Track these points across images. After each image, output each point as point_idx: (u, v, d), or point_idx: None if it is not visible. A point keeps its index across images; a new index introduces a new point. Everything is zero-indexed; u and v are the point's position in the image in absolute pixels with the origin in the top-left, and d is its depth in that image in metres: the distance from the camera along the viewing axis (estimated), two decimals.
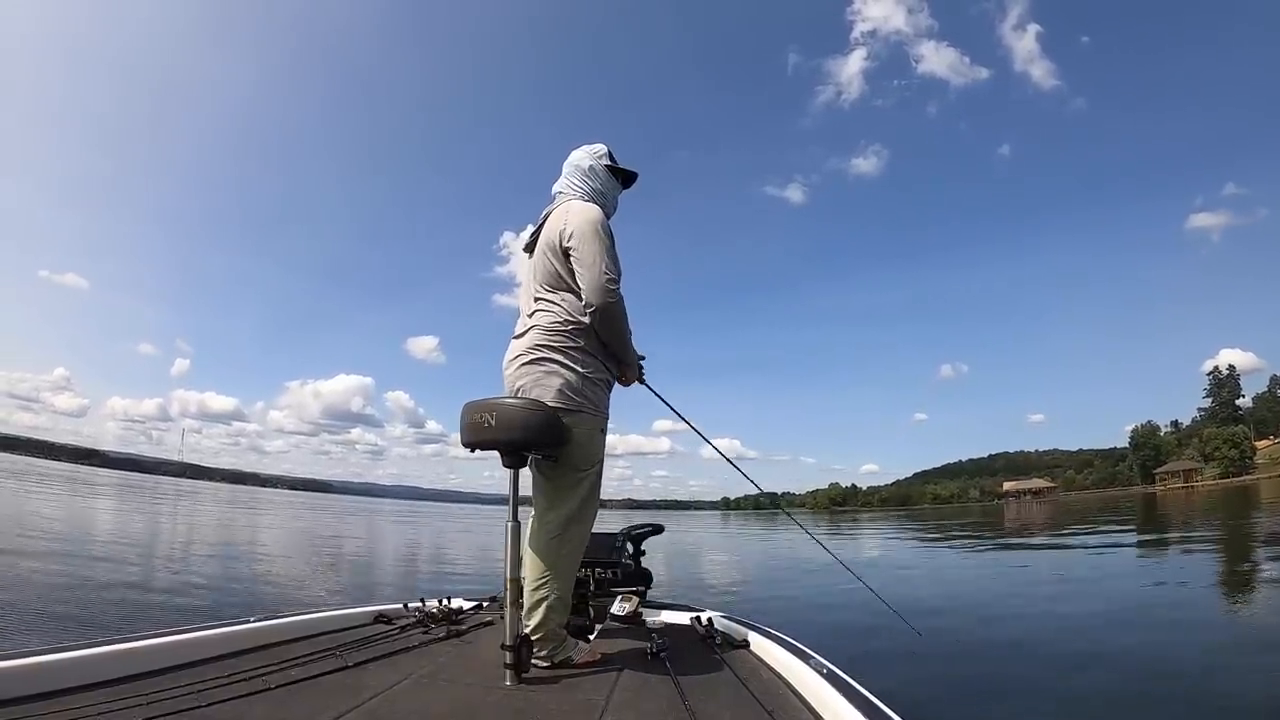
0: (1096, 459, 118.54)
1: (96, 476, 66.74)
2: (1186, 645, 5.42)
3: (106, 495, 31.54)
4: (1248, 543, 15.01)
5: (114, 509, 22.74)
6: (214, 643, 1.97)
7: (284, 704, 1.56)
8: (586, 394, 2.12)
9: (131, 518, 19.45)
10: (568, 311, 2.14)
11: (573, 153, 2.37)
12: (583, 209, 2.18)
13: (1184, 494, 60.05)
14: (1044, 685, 4.50)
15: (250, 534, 18.42)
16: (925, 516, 55.88)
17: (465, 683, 1.85)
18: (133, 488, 45.73)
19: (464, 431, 2.06)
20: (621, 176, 2.41)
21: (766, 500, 77.96)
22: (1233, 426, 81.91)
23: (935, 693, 4.32)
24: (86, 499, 26.45)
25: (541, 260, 2.20)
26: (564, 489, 2.13)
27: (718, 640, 2.34)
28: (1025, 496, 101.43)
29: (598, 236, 2.10)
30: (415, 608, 2.72)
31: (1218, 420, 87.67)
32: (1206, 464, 79.61)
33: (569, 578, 2.13)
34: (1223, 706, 3.93)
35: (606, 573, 3.09)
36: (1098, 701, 4.10)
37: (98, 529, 14.61)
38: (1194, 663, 4.86)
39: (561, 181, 2.34)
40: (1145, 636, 5.81)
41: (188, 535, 15.87)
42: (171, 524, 19.12)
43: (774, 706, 1.62)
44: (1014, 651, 5.46)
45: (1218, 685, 4.30)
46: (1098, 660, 4.98)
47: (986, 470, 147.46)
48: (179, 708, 1.44)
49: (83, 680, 1.57)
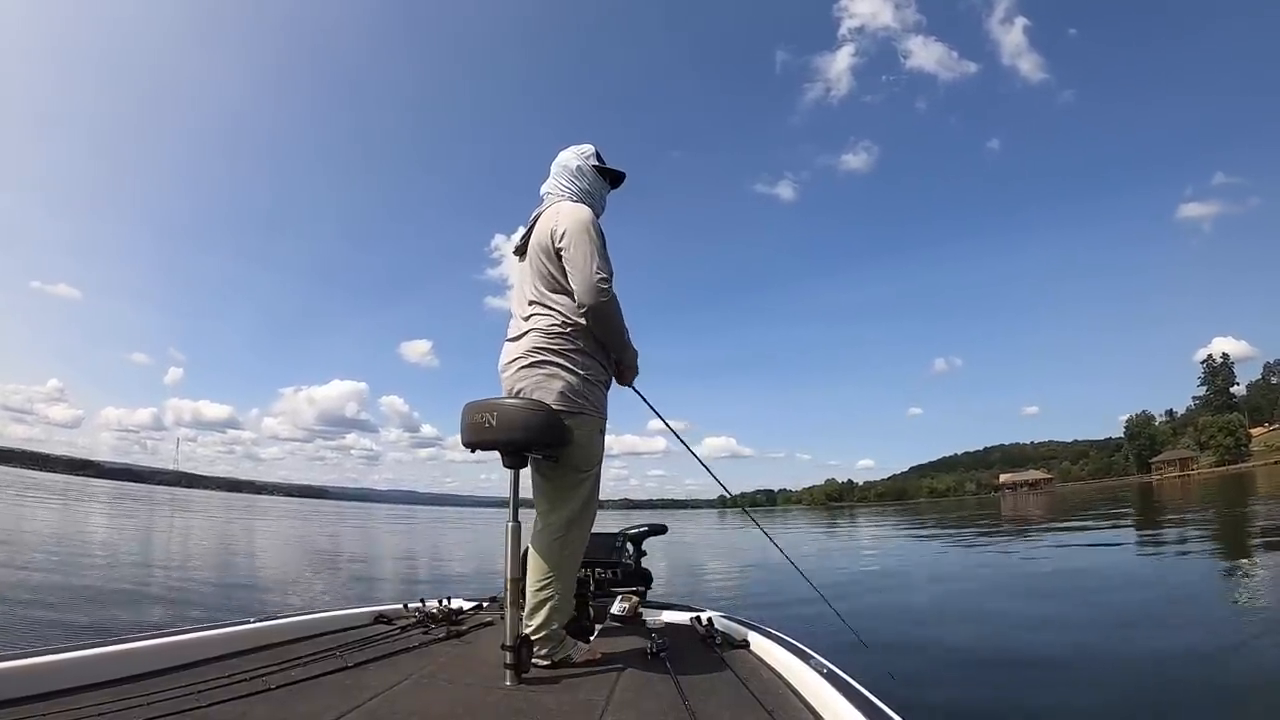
0: (1092, 450, 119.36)
1: (92, 487, 66.42)
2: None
3: (101, 506, 31.35)
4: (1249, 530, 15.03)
5: (108, 519, 22.58)
6: (214, 643, 1.98)
7: (284, 704, 1.56)
8: (587, 395, 2.13)
9: (125, 525, 19.35)
10: (564, 313, 2.14)
11: (560, 153, 2.37)
12: (572, 209, 2.18)
13: (1181, 483, 60.38)
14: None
15: (247, 540, 18.36)
16: (922, 510, 55.86)
17: (465, 683, 1.85)
18: (128, 498, 45.36)
19: (464, 431, 2.06)
20: (609, 176, 2.41)
21: (763, 499, 78.47)
22: (1228, 414, 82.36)
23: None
24: (81, 510, 26.31)
25: (534, 263, 2.21)
26: (565, 490, 2.14)
27: (718, 640, 2.34)
28: (1022, 488, 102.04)
29: (588, 236, 2.10)
30: (415, 608, 2.72)
31: (1213, 408, 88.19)
32: (1202, 452, 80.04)
33: (571, 578, 2.15)
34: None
35: (606, 573, 3.10)
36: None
37: (92, 539, 14.51)
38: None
39: (549, 182, 2.34)
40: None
41: (184, 543, 15.78)
42: (167, 533, 19.01)
43: (774, 706, 1.63)
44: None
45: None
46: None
47: (982, 463, 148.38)
48: (179, 708, 1.45)
49: (83, 680, 1.58)
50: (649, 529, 3.26)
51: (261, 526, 26.27)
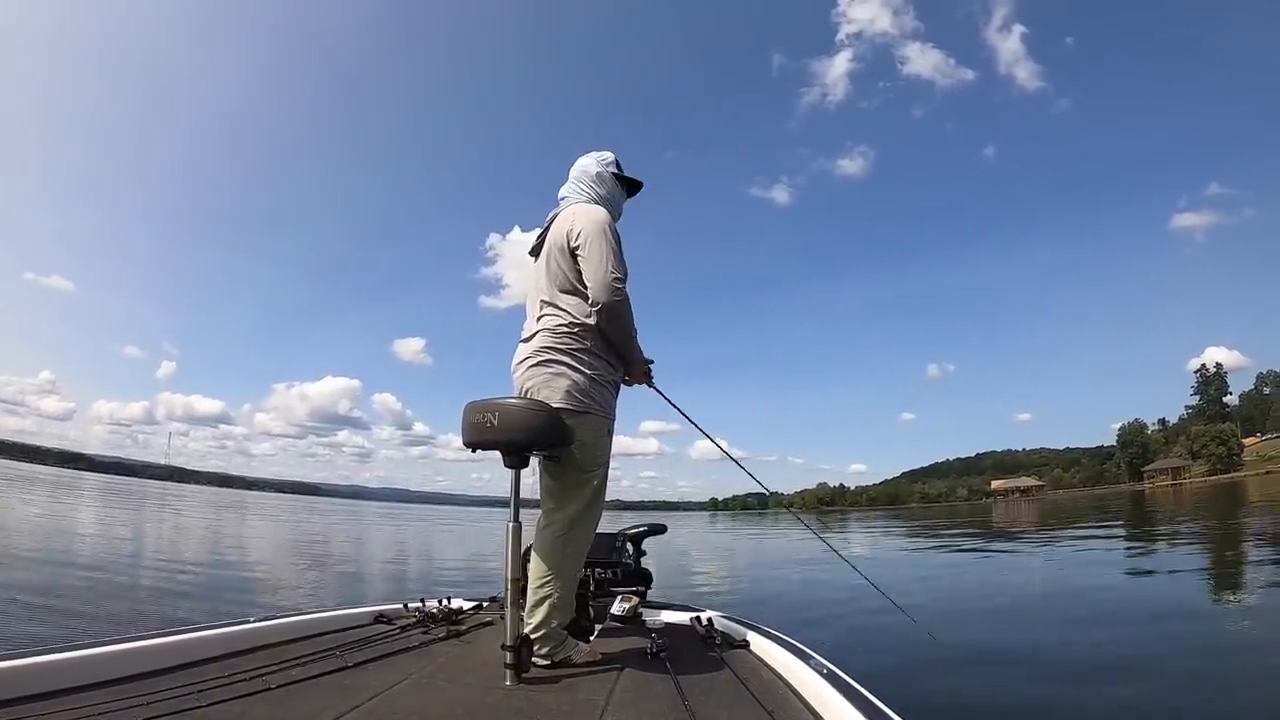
0: (1084, 457, 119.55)
1: (83, 481, 66.01)
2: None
3: (92, 499, 31.18)
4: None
5: (99, 513, 22.45)
6: (214, 643, 1.97)
7: (284, 704, 1.56)
8: (594, 395, 2.15)
9: (117, 518, 19.26)
10: (574, 314, 2.16)
11: (580, 159, 2.43)
12: (590, 210, 2.23)
13: (1173, 491, 60.56)
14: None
15: (239, 537, 18.31)
16: (915, 515, 55.54)
17: (465, 683, 1.85)
18: (118, 491, 45.00)
19: (466, 431, 2.06)
20: (626, 184, 2.47)
21: (755, 501, 77.19)
22: (1220, 424, 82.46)
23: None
24: (72, 503, 26.17)
25: (549, 263, 2.24)
26: (571, 489, 2.15)
27: (717, 640, 2.35)
28: (1014, 495, 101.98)
29: (604, 237, 2.15)
30: (415, 608, 2.72)
31: (1206, 418, 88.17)
32: (1194, 461, 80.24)
33: (573, 578, 2.15)
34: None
35: (606, 573, 3.10)
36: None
37: (83, 532, 14.43)
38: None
39: (568, 186, 2.40)
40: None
41: (174, 539, 15.70)
42: (157, 528, 18.91)
43: (774, 706, 1.63)
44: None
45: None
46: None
47: (974, 469, 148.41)
48: (179, 708, 1.44)
49: (83, 680, 1.57)
50: (649, 529, 3.26)
51: (254, 523, 26.18)
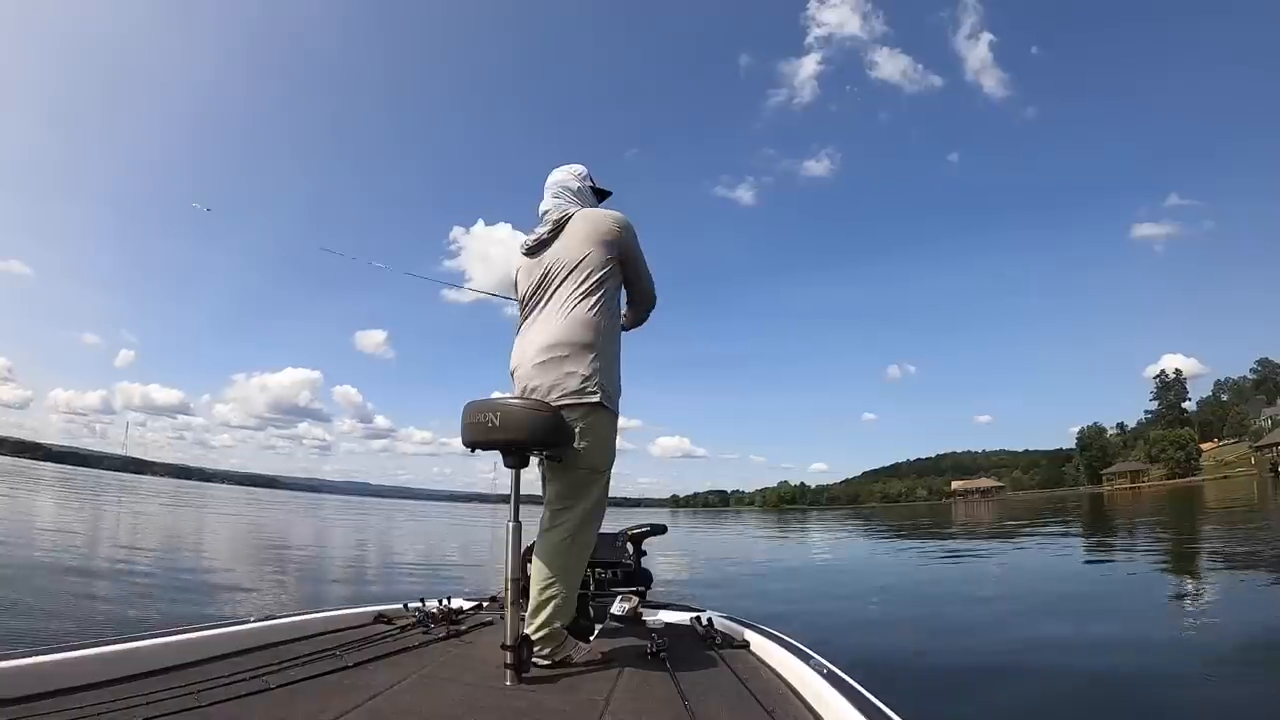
0: (1043, 460, 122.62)
1: (39, 470, 63.87)
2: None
3: (48, 490, 30.21)
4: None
5: (57, 504, 21.81)
6: (214, 643, 1.95)
7: (284, 704, 1.55)
8: (607, 391, 2.15)
9: (78, 512, 18.72)
10: (589, 312, 2.16)
11: (555, 172, 2.45)
12: (625, 220, 2.30)
13: (1131, 494, 62.16)
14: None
15: (199, 533, 17.86)
16: (877, 515, 55.78)
17: (465, 683, 1.84)
18: (70, 483, 43.13)
19: (466, 431, 2.04)
20: (598, 195, 2.53)
21: (715, 499, 77.86)
22: (1179, 429, 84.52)
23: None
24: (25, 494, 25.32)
25: (562, 262, 2.23)
26: (580, 488, 2.15)
27: (717, 640, 2.37)
28: (973, 496, 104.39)
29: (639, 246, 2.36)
30: (415, 608, 2.70)
31: (1165, 423, 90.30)
32: (1153, 465, 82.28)
33: (577, 578, 2.15)
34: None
35: (607, 573, 3.08)
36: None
37: (40, 526, 13.96)
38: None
39: (550, 201, 2.37)
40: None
41: (133, 533, 15.23)
42: (115, 521, 18.39)
43: (774, 706, 1.64)
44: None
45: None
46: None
47: (934, 470, 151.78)
48: (179, 708, 1.43)
49: (83, 680, 1.55)
50: (650, 528, 3.23)
51: (214, 518, 25.54)
